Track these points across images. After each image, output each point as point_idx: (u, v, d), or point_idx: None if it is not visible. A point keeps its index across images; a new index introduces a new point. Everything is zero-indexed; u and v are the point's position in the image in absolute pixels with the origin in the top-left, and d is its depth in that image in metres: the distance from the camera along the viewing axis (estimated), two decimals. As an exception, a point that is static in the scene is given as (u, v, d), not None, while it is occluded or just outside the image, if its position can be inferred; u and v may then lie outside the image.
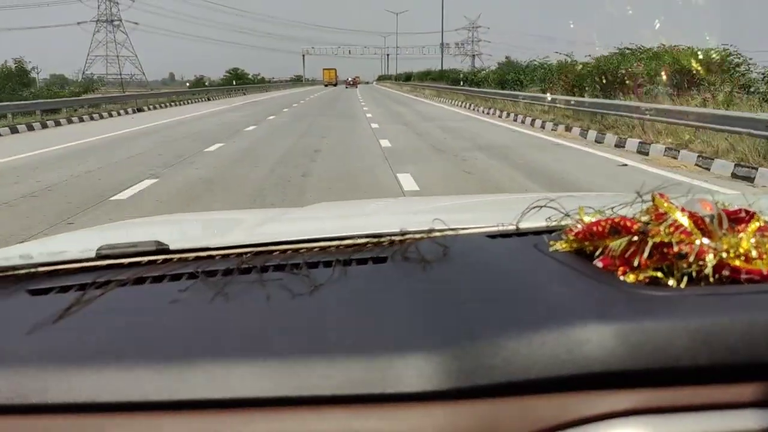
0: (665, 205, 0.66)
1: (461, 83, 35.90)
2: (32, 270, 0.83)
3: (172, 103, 30.61)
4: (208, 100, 37.74)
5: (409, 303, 0.68)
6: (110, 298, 0.73)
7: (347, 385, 0.54)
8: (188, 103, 33.12)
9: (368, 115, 21.67)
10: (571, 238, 0.75)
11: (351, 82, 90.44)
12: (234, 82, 59.82)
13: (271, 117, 20.88)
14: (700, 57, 13.97)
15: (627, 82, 15.27)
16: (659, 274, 0.64)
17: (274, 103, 31.84)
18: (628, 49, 17.76)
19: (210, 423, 0.53)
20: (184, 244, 0.91)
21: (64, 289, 0.77)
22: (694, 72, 13.76)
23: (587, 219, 0.73)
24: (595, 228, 0.71)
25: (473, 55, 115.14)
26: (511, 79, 27.51)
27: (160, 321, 0.68)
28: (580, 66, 18.42)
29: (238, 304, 0.70)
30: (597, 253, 0.70)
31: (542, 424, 0.52)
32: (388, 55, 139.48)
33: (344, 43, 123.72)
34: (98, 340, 0.63)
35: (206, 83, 63.02)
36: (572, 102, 15.22)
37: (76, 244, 1.15)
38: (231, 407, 0.54)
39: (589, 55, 18.06)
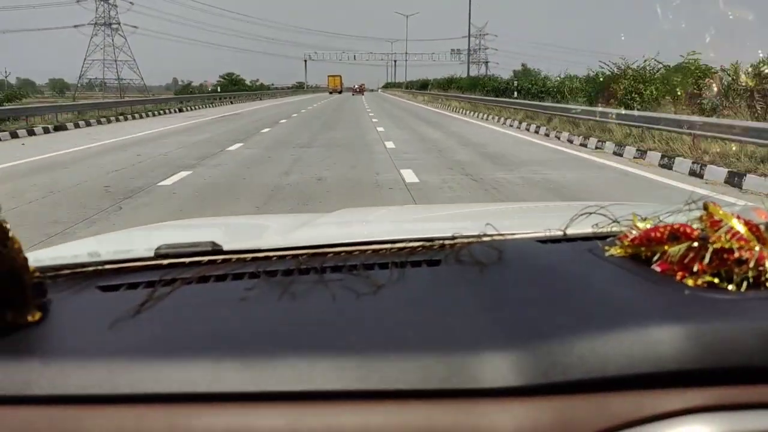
0: (720, 212, 0.70)
1: (515, 94, 26.24)
2: (99, 267, 0.85)
3: (122, 117, 23.32)
4: (180, 111, 30.32)
5: (474, 303, 0.71)
6: (180, 295, 0.76)
7: (426, 380, 0.56)
8: (149, 115, 25.86)
9: (389, 145, 13.09)
10: (627, 243, 0.79)
11: (357, 89, 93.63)
12: (221, 89, 53.73)
13: (235, 146, 13.00)
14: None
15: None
16: (716, 280, 0.67)
17: (255, 119, 23.49)
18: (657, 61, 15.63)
19: (298, 414, 0.55)
20: (236, 245, 0.94)
21: (132, 286, 0.80)
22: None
23: (641, 225, 0.77)
24: (653, 234, 0.74)
25: (486, 62, 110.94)
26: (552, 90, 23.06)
27: (235, 317, 0.70)
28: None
29: (305, 302, 0.73)
30: (655, 258, 0.74)
31: (618, 420, 0.54)
32: (395, 61, 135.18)
33: (349, 49, 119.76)
34: (179, 333, 0.66)
35: (193, 91, 55.29)
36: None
37: (134, 243, 1.22)
38: (317, 399, 0.56)
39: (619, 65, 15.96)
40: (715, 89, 13.16)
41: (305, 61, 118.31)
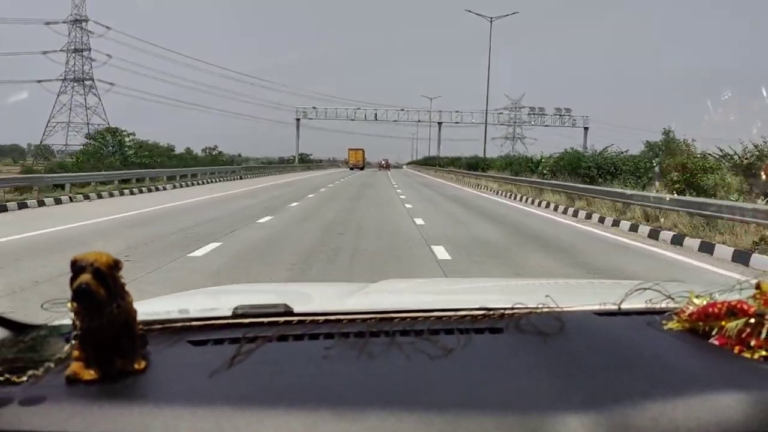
0: None
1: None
2: (187, 323, 0.94)
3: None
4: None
5: (543, 369, 0.76)
6: (265, 351, 0.82)
7: None
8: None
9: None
10: (684, 318, 0.84)
11: (384, 165, 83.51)
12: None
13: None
14: None
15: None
16: None
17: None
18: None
19: None
20: (305, 308, 1.03)
21: (219, 342, 0.87)
22: None
23: (697, 302, 0.84)
24: (710, 310, 0.80)
25: (519, 139, 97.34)
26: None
27: (321, 372, 0.77)
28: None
29: (382, 362, 0.79)
30: (714, 332, 0.79)
31: None
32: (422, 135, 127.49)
33: (362, 108, 79.32)
34: (272, 386, 0.73)
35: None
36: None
37: (213, 302, 1.32)
38: None
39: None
40: None
41: (297, 120, 79.72)
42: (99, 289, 0.70)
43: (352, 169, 73.88)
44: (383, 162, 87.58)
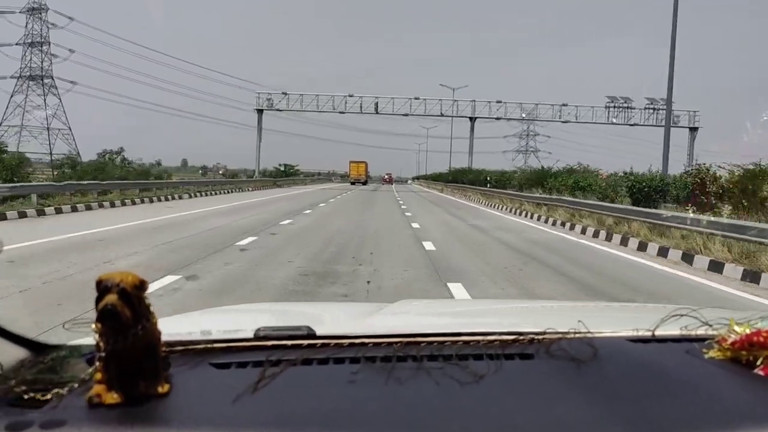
0: None
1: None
2: (209, 345, 0.92)
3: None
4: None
5: (579, 396, 0.74)
6: (289, 375, 0.81)
7: None
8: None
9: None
10: (727, 347, 0.82)
11: (387, 179, 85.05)
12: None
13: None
14: None
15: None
16: None
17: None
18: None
19: None
20: (327, 330, 1.00)
21: (242, 365, 0.86)
22: None
23: (739, 330, 0.81)
24: (755, 338, 0.78)
25: (532, 152, 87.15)
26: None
27: (349, 398, 0.75)
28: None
29: (411, 388, 0.77)
30: (759, 362, 0.77)
31: None
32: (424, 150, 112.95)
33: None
34: (299, 411, 0.71)
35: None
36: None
37: (234, 323, 1.30)
38: None
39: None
40: None
41: (259, 112, 55.83)
42: (124, 310, 0.69)
43: (353, 183, 67.26)
44: (386, 177, 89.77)
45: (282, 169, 64.51)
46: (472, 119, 56.60)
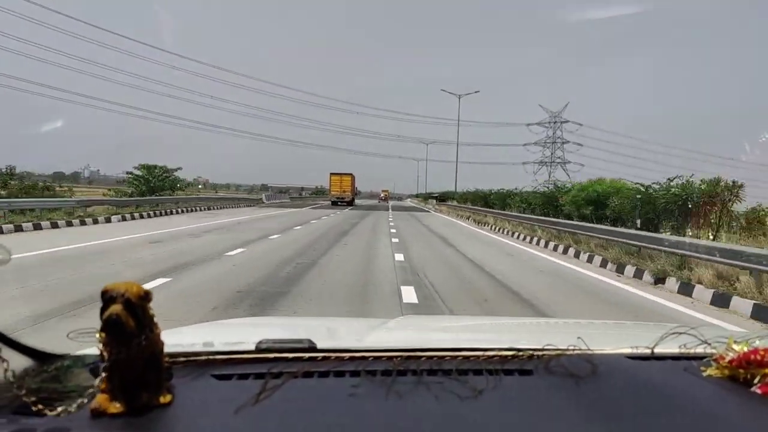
0: None
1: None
2: (211, 357, 0.93)
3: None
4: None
5: (580, 413, 0.75)
6: (291, 387, 0.82)
7: None
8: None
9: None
10: (724, 365, 0.82)
11: (383, 198, 77.56)
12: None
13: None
14: None
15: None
16: None
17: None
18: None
19: None
20: (328, 344, 1.02)
21: (243, 377, 0.86)
22: None
23: (737, 348, 0.81)
24: (752, 357, 0.78)
25: (559, 163, 75.07)
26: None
27: (350, 411, 0.76)
28: None
29: (411, 402, 0.78)
30: (756, 380, 0.78)
31: None
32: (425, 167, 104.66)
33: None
34: (300, 423, 0.72)
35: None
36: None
37: (236, 335, 1.31)
38: None
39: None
40: None
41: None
42: (129, 321, 0.70)
43: (335, 203, 47.13)
44: (381, 195, 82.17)
45: (138, 173, 31.83)
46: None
